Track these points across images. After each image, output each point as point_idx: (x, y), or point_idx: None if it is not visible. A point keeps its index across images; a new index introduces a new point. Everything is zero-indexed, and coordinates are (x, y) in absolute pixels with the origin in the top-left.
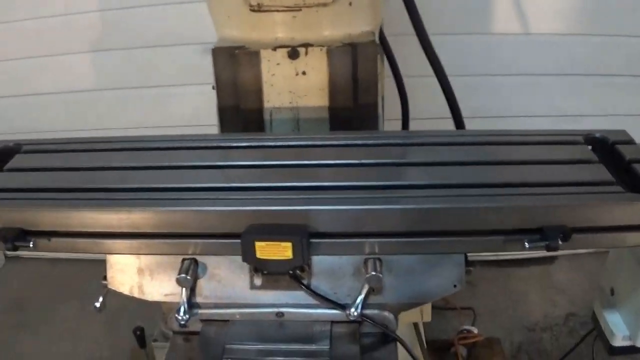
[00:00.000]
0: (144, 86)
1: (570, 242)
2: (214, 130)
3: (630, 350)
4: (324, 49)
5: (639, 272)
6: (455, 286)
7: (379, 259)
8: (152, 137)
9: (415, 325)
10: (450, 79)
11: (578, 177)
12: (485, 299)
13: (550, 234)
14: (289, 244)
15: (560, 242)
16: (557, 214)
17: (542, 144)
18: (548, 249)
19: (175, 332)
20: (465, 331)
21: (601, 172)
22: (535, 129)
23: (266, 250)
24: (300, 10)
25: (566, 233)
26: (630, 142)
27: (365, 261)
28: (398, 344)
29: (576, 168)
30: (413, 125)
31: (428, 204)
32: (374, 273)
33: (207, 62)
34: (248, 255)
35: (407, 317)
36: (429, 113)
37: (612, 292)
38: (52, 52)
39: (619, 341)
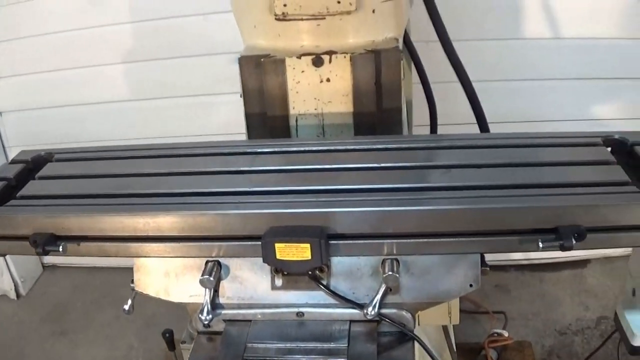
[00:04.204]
0: (177, 96)
1: (585, 242)
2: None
3: None
4: (348, 56)
5: None
6: (471, 286)
7: (396, 260)
8: (179, 145)
9: (445, 328)
10: (483, 84)
11: (593, 177)
12: (518, 302)
13: (564, 234)
14: (308, 245)
15: (574, 242)
16: (570, 214)
17: (561, 146)
18: (562, 248)
19: (199, 332)
20: (495, 334)
21: (617, 173)
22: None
23: (286, 251)
24: (324, 18)
25: (581, 233)
26: None
27: (383, 262)
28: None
29: (593, 169)
30: (442, 131)
31: (444, 205)
32: (390, 273)
33: (237, 71)
34: (268, 256)
35: (436, 320)
36: (459, 119)
37: (634, 293)
38: (85, 64)
39: (639, 341)
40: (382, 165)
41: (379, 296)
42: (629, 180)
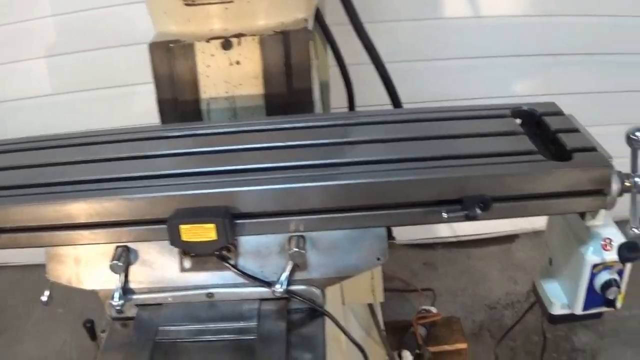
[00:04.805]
0: (103, 87)
1: (491, 212)
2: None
3: (569, 318)
4: (256, 38)
5: (573, 241)
6: (378, 259)
7: (302, 236)
8: (88, 133)
9: (371, 306)
10: (405, 64)
11: (500, 148)
12: (446, 279)
13: (468, 204)
14: (212, 226)
15: (479, 212)
16: (475, 184)
17: (470, 119)
18: (467, 218)
19: (113, 319)
20: (424, 311)
21: (524, 143)
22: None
23: (191, 232)
24: (232, 1)
25: (486, 202)
26: (558, 113)
27: (289, 239)
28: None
29: (500, 140)
30: None
31: (347, 180)
32: (296, 249)
33: None
34: (174, 238)
35: (360, 299)
36: (378, 100)
37: (551, 262)
38: (6, 60)
39: (558, 309)
40: (288, 143)
41: (286, 273)
42: (535, 149)
